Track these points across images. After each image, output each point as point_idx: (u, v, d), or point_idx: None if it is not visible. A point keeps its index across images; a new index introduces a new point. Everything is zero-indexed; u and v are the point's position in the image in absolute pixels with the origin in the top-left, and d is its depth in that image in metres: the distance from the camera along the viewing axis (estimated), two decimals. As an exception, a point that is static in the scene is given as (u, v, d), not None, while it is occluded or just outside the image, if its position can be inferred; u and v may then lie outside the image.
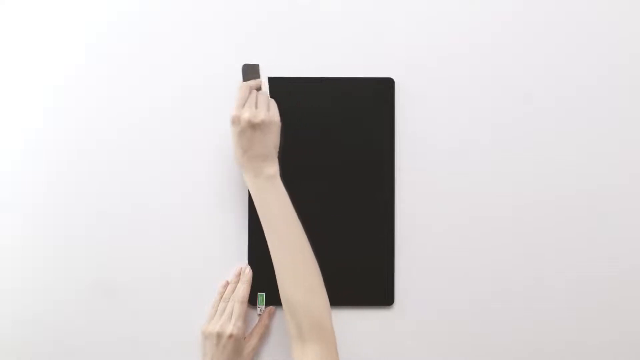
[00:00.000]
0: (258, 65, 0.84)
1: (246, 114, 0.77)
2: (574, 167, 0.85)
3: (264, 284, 0.84)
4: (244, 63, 0.84)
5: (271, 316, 0.84)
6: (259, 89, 0.83)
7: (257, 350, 0.83)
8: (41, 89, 0.85)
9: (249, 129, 0.77)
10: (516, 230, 0.85)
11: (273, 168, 0.78)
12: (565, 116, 0.86)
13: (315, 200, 0.84)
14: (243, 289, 0.82)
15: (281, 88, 0.85)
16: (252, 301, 0.84)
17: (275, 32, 0.86)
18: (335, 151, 0.84)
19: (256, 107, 0.78)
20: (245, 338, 0.82)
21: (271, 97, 0.82)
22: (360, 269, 0.84)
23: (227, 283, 0.84)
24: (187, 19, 0.86)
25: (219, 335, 0.79)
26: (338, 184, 0.84)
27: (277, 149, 0.79)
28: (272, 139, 0.78)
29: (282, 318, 0.84)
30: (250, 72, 0.83)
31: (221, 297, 0.83)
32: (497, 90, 0.86)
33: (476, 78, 0.86)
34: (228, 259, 0.84)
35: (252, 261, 0.84)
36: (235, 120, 0.77)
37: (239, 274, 0.84)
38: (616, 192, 0.85)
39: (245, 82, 0.82)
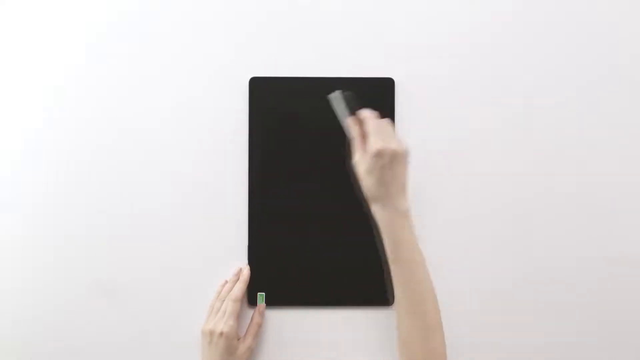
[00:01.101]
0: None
1: (393, 145, 0.71)
2: (574, 168, 0.85)
3: (264, 284, 0.84)
4: (336, 92, 0.78)
5: (262, 314, 0.84)
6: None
7: (253, 350, 0.83)
8: (41, 89, 0.85)
9: (393, 161, 0.71)
10: (516, 230, 0.85)
11: (407, 202, 0.73)
12: (566, 116, 0.86)
13: (316, 199, 0.84)
14: (238, 288, 0.82)
15: (281, 88, 0.85)
16: (252, 301, 0.84)
17: (275, 32, 0.86)
18: (336, 151, 0.84)
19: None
20: (239, 338, 0.82)
21: (271, 97, 0.82)
22: (360, 269, 0.84)
23: (226, 282, 0.84)
24: (187, 19, 0.86)
25: (211, 334, 0.79)
26: (338, 184, 0.84)
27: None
28: (406, 169, 0.74)
29: (279, 319, 0.84)
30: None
31: (219, 296, 0.83)
32: (497, 90, 0.86)
33: (476, 78, 0.86)
34: (228, 259, 0.84)
35: (252, 261, 0.84)
36: (381, 154, 0.71)
37: (238, 274, 0.84)
38: (616, 192, 0.85)
39: (378, 120, 0.75)
